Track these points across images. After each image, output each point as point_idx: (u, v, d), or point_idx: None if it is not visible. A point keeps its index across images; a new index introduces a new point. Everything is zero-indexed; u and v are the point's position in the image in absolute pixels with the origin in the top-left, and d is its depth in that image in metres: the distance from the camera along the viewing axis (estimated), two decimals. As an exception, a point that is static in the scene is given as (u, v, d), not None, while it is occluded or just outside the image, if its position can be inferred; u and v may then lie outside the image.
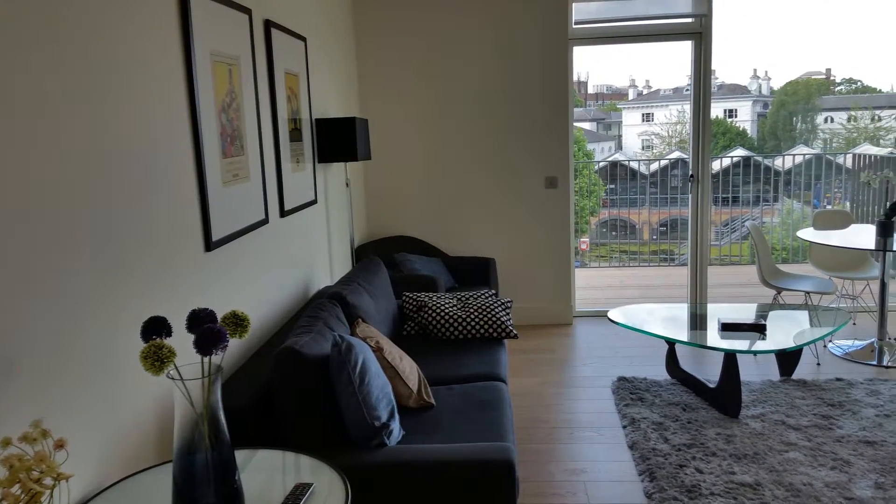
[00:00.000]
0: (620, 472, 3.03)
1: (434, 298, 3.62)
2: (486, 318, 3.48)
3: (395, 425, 2.37)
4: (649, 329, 3.82)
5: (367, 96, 5.03)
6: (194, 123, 2.35)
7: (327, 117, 3.88)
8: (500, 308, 3.58)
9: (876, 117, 30.91)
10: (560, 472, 3.06)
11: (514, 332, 3.50)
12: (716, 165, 15.60)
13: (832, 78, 38.80)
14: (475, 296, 3.72)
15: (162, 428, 2.09)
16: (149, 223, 2.05)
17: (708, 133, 5.12)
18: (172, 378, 1.58)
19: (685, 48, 5.14)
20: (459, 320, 3.47)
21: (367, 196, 5.15)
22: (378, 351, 2.66)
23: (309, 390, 2.25)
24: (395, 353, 2.75)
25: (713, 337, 3.67)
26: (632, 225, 15.36)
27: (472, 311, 3.53)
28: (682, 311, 4.47)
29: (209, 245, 2.41)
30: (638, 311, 4.24)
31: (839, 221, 4.91)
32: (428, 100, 5.03)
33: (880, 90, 35.25)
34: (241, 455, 1.94)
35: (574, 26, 5.02)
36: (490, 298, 3.68)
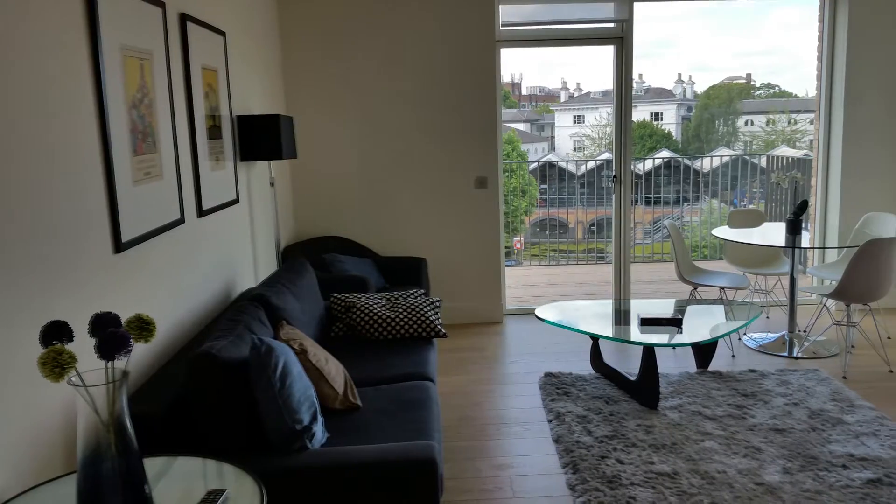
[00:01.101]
0: (545, 466, 3.09)
1: (363, 299, 3.59)
2: (415, 318, 3.48)
3: (319, 428, 2.34)
4: (574, 325, 3.91)
5: (293, 94, 4.95)
6: (102, 119, 2.26)
7: (250, 114, 3.80)
8: (429, 308, 3.59)
9: (792, 120, 32.46)
10: (487, 467, 3.09)
11: (443, 331, 3.51)
12: (643, 167, 16.09)
13: (752, 82, 40.55)
14: (404, 296, 3.72)
15: (69, 437, 2.01)
16: (51, 223, 1.96)
17: (629, 135, 5.27)
18: (74, 385, 1.52)
19: (612, 52, 5.32)
20: (388, 320, 3.47)
21: (294, 196, 5.08)
22: (302, 353, 2.62)
23: (226, 395, 2.20)
24: (320, 354, 2.72)
25: (634, 332, 3.78)
26: (565, 224, 15.68)
27: (401, 311, 3.53)
28: (606, 307, 4.59)
29: (119, 246, 2.33)
30: (565, 308, 4.33)
31: (753, 220, 5.13)
32: (357, 99, 5.00)
33: (796, 95, 37.04)
34: (158, 462, 1.89)
35: (501, 28, 5.08)
36: (419, 298, 3.68)
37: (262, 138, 3.73)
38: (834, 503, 2.68)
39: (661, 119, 36.31)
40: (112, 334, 1.51)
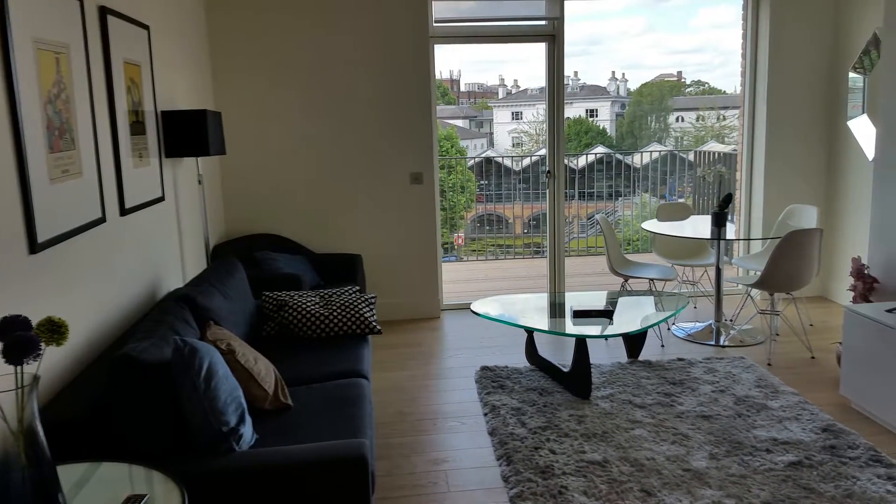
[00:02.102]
0: (480, 459, 3.11)
1: (296, 297, 3.54)
2: (349, 315, 3.46)
3: (246, 430, 2.30)
4: (509, 319, 3.95)
5: (222, 89, 4.84)
6: (13, 115, 2.15)
7: (175, 110, 3.69)
8: (363, 304, 3.56)
9: (721, 116, 33.62)
10: (423, 463, 3.09)
11: (378, 327, 3.50)
12: (579, 162, 16.37)
13: (683, 80, 41.81)
14: (338, 293, 3.68)
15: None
16: (-45, 224, 1.85)
17: (562, 131, 5.36)
18: (-22, 392, 1.45)
19: (544, 50, 5.39)
20: (322, 318, 3.43)
21: (225, 193, 4.96)
22: (229, 353, 2.57)
23: (149, 398, 2.13)
24: (249, 355, 2.67)
25: (567, 324, 3.85)
26: (504, 219, 15.85)
27: (334, 308, 3.49)
28: (541, 300, 4.66)
29: (34, 247, 2.23)
30: (500, 302, 4.37)
31: (680, 213, 5.29)
32: (289, 94, 4.92)
33: (724, 91, 38.38)
34: (80, 469, 1.82)
35: (435, 24, 5.08)
36: (354, 295, 3.65)
37: (188, 134, 3.63)
38: (758, 487, 2.79)
39: (596, 116, 37.06)
40: (19, 338, 1.44)
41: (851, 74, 5.08)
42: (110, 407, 2.15)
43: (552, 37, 5.21)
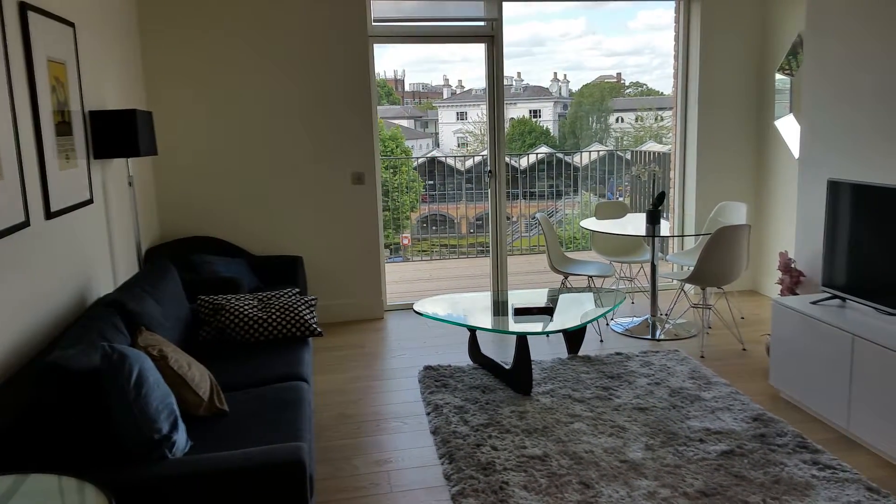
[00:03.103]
0: (423, 458, 3.12)
1: (233, 300, 3.48)
2: (288, 318, 3.41)
3: (180, 436, 2.24)
4: (452, 318, 3.97)
5: (154, 89, 4.71)
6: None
7: (104, 109, 3.57)
8: (303, 306, 3.52)
9: (658, 117, 34.50)
10: (365, 464, 3.08)
11: (319, 330, 3.46)
12: (524, 162, 16.54)
13: (622, 81, 42.76)
14: (277, 295, 3.63)
15: None
16: None
17: (503, 131, 5.41)
18: None
19: (484, 50, 5.42)
20: (260, 321, 3.37)
21: (158, 195, 4.83)
22: (162, 359, 2.50)
23: (77, 407, 2.06)
24: (182, 360, 2.60)
25: (508, 322, 3.89)
26: (450, 219, 15.90)
27: (273, 311, 3.44)
28: (483, 299, 4.69)
29: (-52, 253, 2.12)
30: (443, 302, 4.38)
31: (617, 211, 5.41)
32: (225, 94, 4.82)
33: (662, 93, 39.42)
34: (6, 482, 1.76)
35: (374, 24, 5.06)
36: (293, 297, 3.61)
37: (117, 135, 3.51)
38: (692, 476, 2.87)
39: (540, 116, 37.57)
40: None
41: (778, 76, 5.28)
42: (37, 416, 2.07)
43: (491, 37, 5.26)
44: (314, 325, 3.43)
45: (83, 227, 3.32)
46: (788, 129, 5.15)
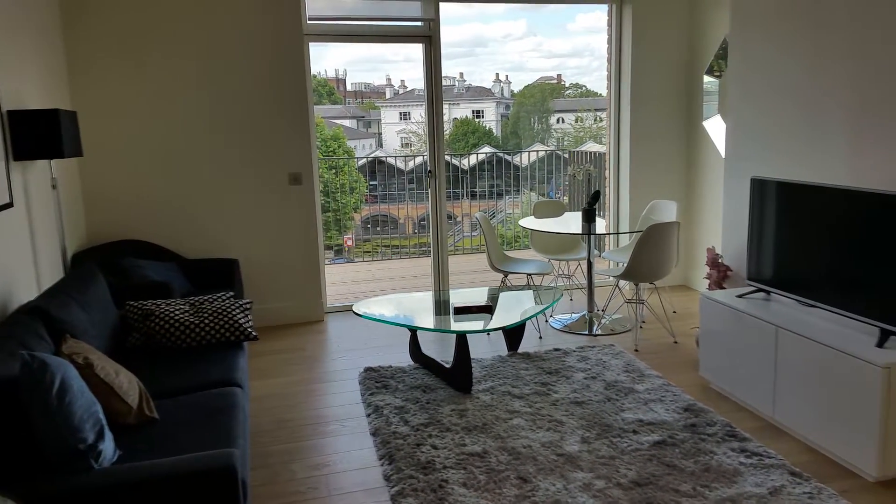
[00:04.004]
0: (362, 460, 3.10)
1: (163, 305, 3.39)
2: (222, 322, 3.34)
3: (107, 446, 2.17)
4: (392, 319, 3.96)
5: (80, 88, 4.54)
6: None
7: (24, 109, 3.43)
8: (237, 310, 3.46)
9: (598, 118, 35.18)
10: (303, 469, 3.04)
11: (254, 333, 3.40)
12: (468, 162, 16.61)
13: (562, 83, 43.43)
14: (210, 299, 3.56)
15: None
16: None
17: (441, 131, 5.43)
18: None
19: (422, 50, 5.42)
20: (192, 327, 3.29)
21: (85, 197, 4.66)
22: (87, 367, 2.42)
23: (-8, 419, 1.97)
24: (109, 368, 2.52)
25: (448, 321, 3.90)
26: (395, 220, 15.86)
27: (206, 315, 3.37)
28: (424, 299, 4.69)
29: None
30: (384, 302, 4.37)
31: (555, 210, 5.50)
32: (156, 94, 4.69)
33: (601, 94, 40.17)
34: None
35: (309, 22, 5.01)
36: (227, 301, 3.54)
37: (39, 135, 3.37)
38: (626, 467, 2.94)
39: (482, 116, 37.84)
40: None
41: (706, 78, 5.47)
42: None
43: (429, 38, 5.27)
44: (249, 329, 3.37)
45: (3, 231, 3.18)
46: (716, 129, 5.33)
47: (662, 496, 2.69)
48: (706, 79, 5.46)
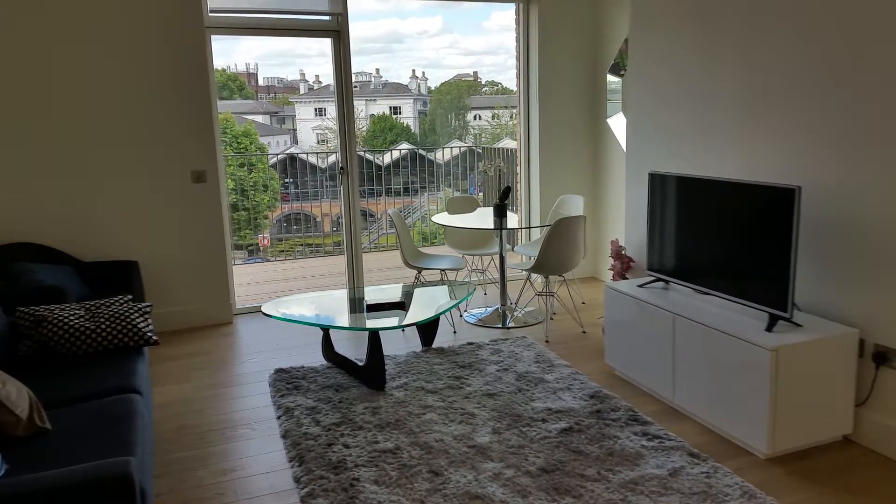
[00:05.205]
0: (272, 463, 3.04)
1: (56, 311, 3.21)
2: (119, 327, 3.20)
3: (-12, 461, 2.04)
4: (303, 318, 3.90)
5: (-40, 81, 4.24)
6: None
7: None
8: (136, 314, 3.32)
9: (513, 115, 35.75)
10: (209, 475, 2.95)
11: (154, 338, 3.28)
12: (386, 158, 16.54)
13: (479, 80, 43.92)
14: (107, 303, 3.40)
15: None
16: None
17: (353, 127, 5.38)
18: None
19: (330, 45, 5.35)
20: (87, 332, 3.14)
21: (-30, 199, 4.36)
22: (-34, 379, 2.26)
23: None
24: (-8, 378, 2.37)
25: (361, 319, 3.88)
26: (312, 218, 15.60)
27: (102, 320, 3.21)
28: (337, 297, 4.64)
29: None
30: (295, 302, 4.29)
31: (469, 206, 5.56)
32: (44, 88, 4.43)
33: (515, 91, 40.83)
34: None
35: (210, 14, 4.85)
36: (125, 305, 3.39)
37: None
38: (534, 455, 3.01)
39: (400, 113, 37.78)
40: None
41: (610, 77, 5.65)
42: None
43: (337, 32, 5.20)
44: (149, 334, 3.24)
45: None
46: (619, 126, 5.52)
47: (569, 481, 2.77)
48: (610, 78, 5.64)
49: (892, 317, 2.90)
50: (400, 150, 20.66)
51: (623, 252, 4.44)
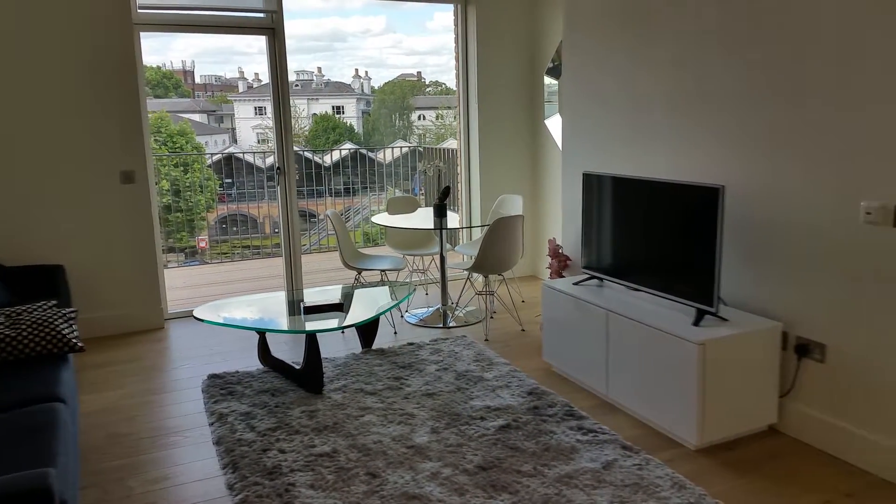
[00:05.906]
0: (204, 471, 2.97)
1: (-28, 318, 3.05)
2: (42, 334, 3.06)
3: None
4: (236, 321, 3.81)
5: None
6: None
7: None
8: (60, 320, 3.19)
9: (457, 116, 35.87)
10: (140, 484, 2.86)
11: (80, 344, 3.15)
12: (329, 159, 16.36)
13: (423, 80, 43.93)
14: (29, 310, 3.25)
15: None
16: None
17: (289, 126, 5.30)
18: None
19: (265, 43, 5.25)
20: (7, 340, 2.99)
21: None
22: None
23: None
24: None
25: (298, 321, 3.82)
26: (252, 219, 15.29)
27: (23, 327, 3.07)
28: (274, 299, 4.56)
29: None
30: (230, 305, 4.20)
31: (409, 206, 5.55)
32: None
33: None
34: None
35: (139, 11, 4.71)
36: (48, 311, 3.25)
37: None
38: (472, 453, 3.02)
39: (343, 112, 37.47)
40: None
41: (548, 80, 5.73)
42: None
43: (272, 30, 5.12)
44: (74, 340, 3.12)
45: None
46: (556, 127, 5.61)
47: (505, 478, 2.80)
48: (549, 80, 5.72)
49: (813, 310, 3.03)
50: (343, 150, 20.49)
51: (560, 251, 4.50)
